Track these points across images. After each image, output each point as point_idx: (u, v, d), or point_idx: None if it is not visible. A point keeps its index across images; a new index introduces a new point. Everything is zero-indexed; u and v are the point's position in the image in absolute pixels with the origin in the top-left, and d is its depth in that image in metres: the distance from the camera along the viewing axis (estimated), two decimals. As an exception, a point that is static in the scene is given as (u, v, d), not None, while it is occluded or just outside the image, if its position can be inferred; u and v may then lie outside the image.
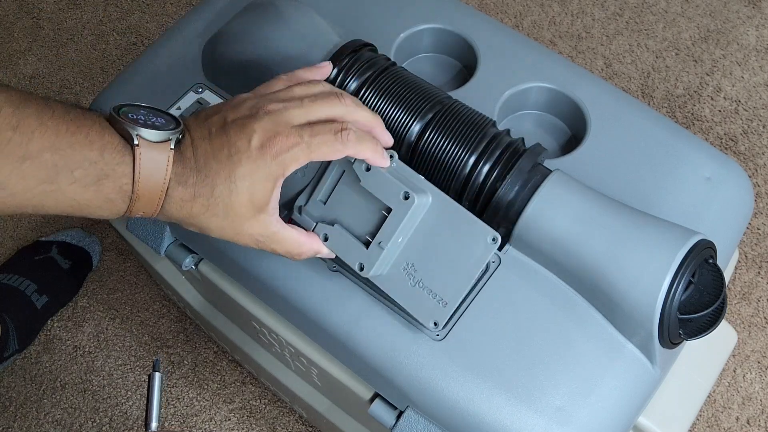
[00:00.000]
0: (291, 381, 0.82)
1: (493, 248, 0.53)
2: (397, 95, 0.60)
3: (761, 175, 1.15)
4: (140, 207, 0.48)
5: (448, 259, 0.55)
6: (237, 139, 0.48)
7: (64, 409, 1.03)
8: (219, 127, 0.50)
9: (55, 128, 0.44)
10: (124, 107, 0.48)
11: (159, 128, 0.48)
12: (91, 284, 1.11)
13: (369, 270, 0.54)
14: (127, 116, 0.47)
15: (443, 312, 0.54)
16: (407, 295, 0.55)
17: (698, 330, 0.55)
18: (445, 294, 0.54)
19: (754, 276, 1.07)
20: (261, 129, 0.48)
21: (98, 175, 0.46)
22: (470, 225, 0.55)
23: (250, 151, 0.48)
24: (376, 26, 0.71)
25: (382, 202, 0.54)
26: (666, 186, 0.63)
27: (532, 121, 0.71)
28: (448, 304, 0.54)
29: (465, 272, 0.54)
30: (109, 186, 0.46)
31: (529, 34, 1.30)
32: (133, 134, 0.47)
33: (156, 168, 0.47)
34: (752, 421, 0.98)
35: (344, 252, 0.55)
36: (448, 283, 0.54)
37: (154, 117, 0.49)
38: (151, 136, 0.47)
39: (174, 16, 1.37)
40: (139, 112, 0.48)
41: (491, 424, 0.54)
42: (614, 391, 0.55)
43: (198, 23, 0.73)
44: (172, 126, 0.49)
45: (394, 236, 0.54)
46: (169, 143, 0.48)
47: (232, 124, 0.49)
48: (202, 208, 0.49)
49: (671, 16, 1.31)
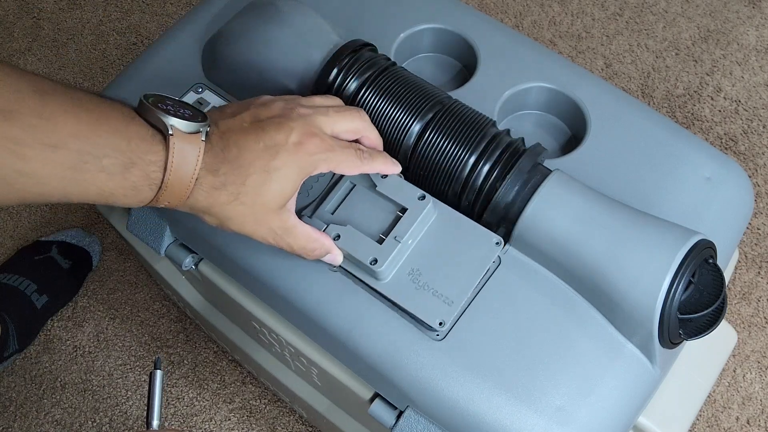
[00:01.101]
0: (291, 381, 0.82)
1: (497, 249, 0.57)
2: (397, 95, 0.60)
3: (761, 175, 1.15)
4: (167, 197, 0.48)
5: (453, 262, 0.57)
6: (276, 133, 0.51)
7: (64, 409, 1.03)
8: (253, 121, 0.51)
9: (79, 116, 0.44)
10: (152, 96, 0.49)
11: (189, 119, 0.48)
12: (91, 284, 1.11)
13: (382, 263, 0.56)
14: (158, 106, 0.48)
15: (449, 310, 0.55)
16: (412, 298, 0.56)
17: (698, 330, 0.55)
18: (450, 293, 0.56)
19: (754, 276, 1.07)
20: (299, 127, 0.51)
21: (125, 163, 0.46)
22: (474, 231, 0.58)
23: (287, 146, 0.50)
24: (376, 26, 0.71)
25: (398, 203, 0.58)
26: (666, 186, 0.63)
27: (532, 121, 0.71)
28: (454, 303, 0.55)
29: (470, 271, 0.56)
30: (136, 174, 0.47)
31: (529, 34, 1.30)
32: (167, 124, 0.47)
33: (188, 158, 0.48)
34: (752, 421, 0.98)
35: (356, 249, 0.57)
36: (453, 283, 0.56)
37: (182, 108, 0.49)
38: (183, 127, 0.48)
39: (174, 16, 1.37)
40: (167, 103, 0.49)
41: (491, 424, 0.54)
42: (614, 391, 0.55)
43: (198, 23, 0.73)
44: (200, 118, 0.49)
45: (409, 232, 0.57)
46: (200, 135, 0.48)
47: (268, 121, 0.51)
48: (231, 196, 0.50)
49: (671, 16, 1.31)
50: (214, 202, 0.50)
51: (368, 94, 0.61)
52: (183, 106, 0.50)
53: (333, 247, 0.56)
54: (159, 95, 0.50)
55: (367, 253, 0.56)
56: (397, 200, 0.58)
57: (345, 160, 0.54)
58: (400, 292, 0.57)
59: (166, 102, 0.49)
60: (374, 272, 0.57)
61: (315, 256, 0.56)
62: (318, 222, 0.58)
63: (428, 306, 0.56)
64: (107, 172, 0.45)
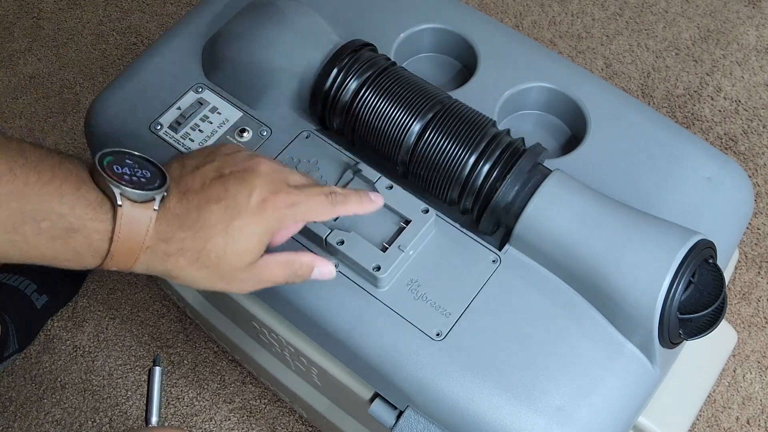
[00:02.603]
0: (291, 381, 0.82)
1: (494, 267, 0.58)
2: (397, 95, 0.60)
3: (761, 175, 1.15)
4: (115, 264, 0.46)
5: (451, 275, 0.58)
6: (237, 192, 0.48)
7: (64, 409, 1.03)
8: (214, 178, 0.49)
9: (24, 177, 0.43)
10: (109, 155, 0.47)
11: (144, 185, 0.46)
12: (91, 284, 1.11)
13: (385, 270, 0.57)
14: (113, 169, 0.46)
15: (446, 322, 0.56)
16: (411, 307, 0.57)
17: (698, 330, 0.55)
18: (448, 305, 0.57)
19: (754, 276, 1.07)
20: (262, 184, 0.49)
21: (66, 228, 0.44)
22: (472, 247, 0.59)
23: (249, 206, 0.48)
24: (376, 26, 0.71)
25: (402, 214, 0.59)
26: (666, 186, 0.63)
27: (532, 121, 0.71)
28: (451, 315, 0.57)
29: (467, 287, 0.58)
30: (78, 240, 0.45)
31: (529, 34, 1.30)
32: (116, 193, 0.45)
33: (137, 228, 0.45)
34: (752, 421, 0.98)
35: (360, 255, 0.57)
36: (451, 296, 0.57)
37: (140, 169, 0.47)
38: (135, 197, 0.45)
39: (174, 16, 1.37)
40: (125, 163, 0.47)
41: (491, 424, 0.54)
42: (614, 391, 0.55)
43: (198, 23, 0.73)
44: (158, 182, 0.47)
45: (412, 242, 0.58)
46: (153, 203, 0.46)
47: (230, 176, 0.49)
48: (190, 260, 0.48)
49: (671, 16, 1.31)
50: (173, 266, 0.48)
51: (368, 94, 0.61)
52: (144, 166, 0.47)
53: (316, 258, 0.54)
54: (120, 152, 0.47)
55: (370, 260, 0.57)
56: (402, 212, 0.59)
57: (314, 207, 0.51)
58: (398, 301, 0.58)
59: (124, 163, 0.47)
60: (376, 279, 0.57)
61: (303, 276, 0.54)
62: (321, 226, 0.58)
63: (427, 317, 0.57)
64: (46, 235, 0.44)
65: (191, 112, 0.67)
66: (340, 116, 0.63)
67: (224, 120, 0.67)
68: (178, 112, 0.67)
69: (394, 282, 0.58)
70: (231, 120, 0.67)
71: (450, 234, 0.60)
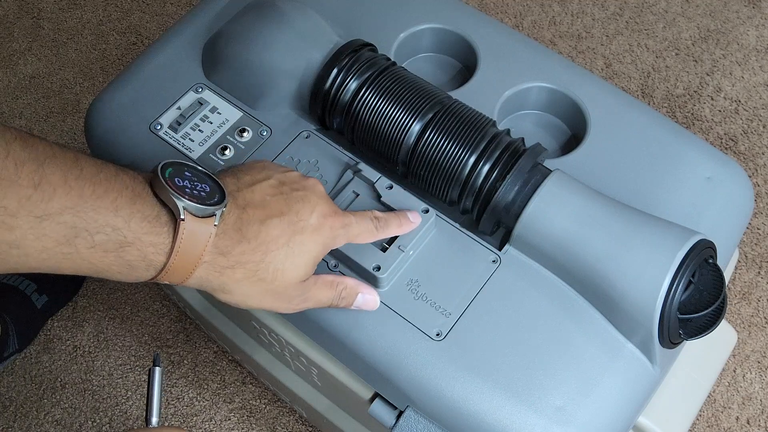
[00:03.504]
0: (291, 381, 0.82)
1: (494, 267, 0.58)
2: (397, 95, 0.60)
3: (761, 175, 1.15)
4: (169, 277, 0.46)
5: (451, 275, 0.58)
6: (300, 209, 0.50)
7: (64, 409, 1.03)
8: (275, 194, 0.50)
9: (79, 189, 0.42)
10: (170, 167, 0.46)
11: (205, 200, 0.46)
12: (91, 284, 1.11)
13: (385, 270, 0.57)
14: (174, 182, 0.45)
15: (446, 322, 0.56)
16: (410, 307, 0.57)
17: (698, 330, 0.55)
18: (447, 305, 0.57)
19: (754, 276, 1.07)
20: (322, 204, 0.51)
21: (120, 242, 0.44)
22: (472, 247, 0.59)
23: (310, 223, 0.50)
24: (376, 26, 0.71)
25: None
26: (666, 186, 0.63)
27: (532, 121, 0.71)
28: (451, 315, 0.57)
29: (467, 287, 0.58)
30: (132, 254, 0.44)
31: (529, 34, 1.30)
32: (180, 206, 0.44)
33: (196, 242, 0.45)
34: (752, 421, 0.98)
35: (360, 255, 0.57)
36: (451, 296, 0.57)
37: (200, 183, 0.47)
38: (197, 211, 0.45)
39: (174, 16, 1.37)
40: (185, 175, 0.46)
41: (491, 424, 0.54)
42: (614, 391, 0.55)
43: (198, 23, 0.73)
44: (217, 197, 0.47)
45: (413, 242, 0.58)
46: (214, 218, 0.46)
47: (292, 194, 0.51)
48: (247, 273, 0.48)
49: (671, 16, 1.31)
50: (228, 279, 0.48)
51: (368, 94, 0.61)
52: (203, 180, 0.47)
53: (361, 285, 0.56)
54: (179, 164, 0.47)
55: (370, 260, 0.57)
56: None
57: (363, 232, 0.54)
58: (398, 301, 0.58)
59: (184, 176, 0.46)
60: (376, 279, 0.57)
61: (347, 300, 0.55)
62: None
63: (427, 317, 0.57)
64: (100, 248, 0.43)
65: (191, 112, 0.67)
66: (340, 116, 0.63)
67: (224, 120, 0.67)
68: (178, 112, 0.67)
69: (394, 282, 0.58)
70: (231, 120, 0.67)
71: (450, 234, 0.60)
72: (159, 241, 0.45)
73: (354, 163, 0.63)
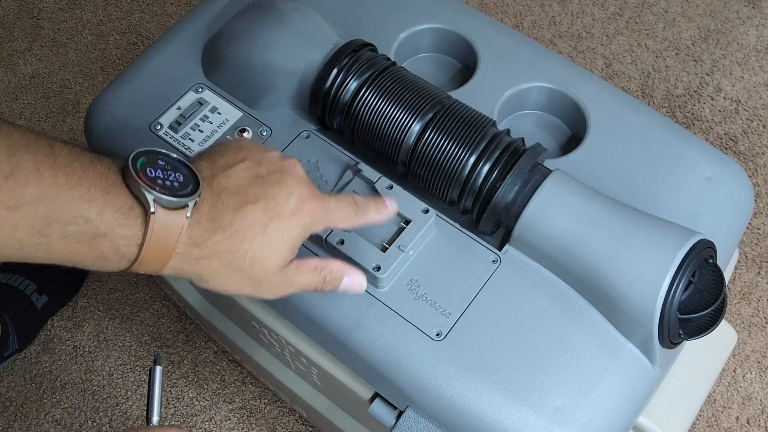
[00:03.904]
0: (291, 381, 0.82)
1: (494, 267, 0.58)
2: (397, 95, 0.60)
3: (761, 175, 1.15)
4: (143, 268, 0.46)
5: (451, 275, 0.58)
6: (275, 193, 0.48)
7: (64, 409, 1.03)
8: (251, 178, 0.48)
9: (52, 179, 0.41)
10: (142, 156, 0.45)
11: (177, 191, 0.45)
12: (91, 284, 1.11)
13: (386, 270, 0.57)
14: (146, 172, 0.44)
15: (446, 322, 0.56)
16: (411, 307, 0.57)
17: (698, 330, 0.55)
18: (447, 305, 0.57)
19: (754, 276, 1.07)
20: (300, 187, 0.49)
21: (93, 233, 0.43)
22: (472, 247, 0.59)
23: (287, 208, 0.48)
24: (376, 26, 0.71)
25: (402, 215, 0.58)
26: (666, 186, 0.63)
27: (532, 121, 0.71)
28: (451, 315, 0.57)
29: (467, 286, 0.58)
30: (105, 245, 0.44)
31: (529, 34, 1.30)
32: (150, 200, 0.44)
33: (168, 234, 0.44)
34: (752, 421, 0.98)
35: (360, 255, 0.57)
36: (451, 296, 0.57)
37: (173, 172, 0.46)
38: (168, 204, 0.44)
39: (174, 16, 1.37)
40: (158, 164, 0.45)
41: (491, 424, 0.54)
42: (614, 391, 0.55)
43: (198, 23, 0.73)
44: (191, 187, 0.46)
45: (413, 242, 0.58)
46: (186, 210, 0.45)
47: (268, 177, 0.49)
48: (224, 263, 0.47)
49: (671, 16, 1.31)
50: (204, 269, 0.47)
51: (368, 94, 0.61)
52: (175, 168, 0.46)
53: (347, 267, 0.54)
54: (153, 152, 0.46)
55: (370, 260, 0.57)
56: (402, 211, 0.58)
57: (343, 217, 0.52)
58: (398, 301, 0.58)
59: (157, 165, 0.45)
60: (376, 279, 0.57)
61: (333, 284, 0.53)
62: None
63: (427, 317, 0.57)
64: (73, 239, 0.42)
65: (191, 112, 0.67)
66: (340, 116, 0.63)
67: (224, 120, 0.67)
68: (178, 112, 0.67)
69: (394, 282, 0.58)
70: (231, 120, 0.67)
71: (450, 234, 0.60)
72: (131, 233, 0.44)
73: (354, 163, 0.63)
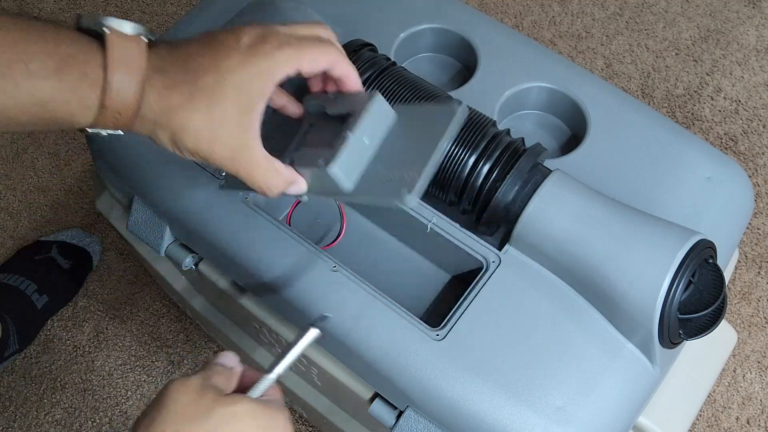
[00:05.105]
0: (291, 381, 0.82)
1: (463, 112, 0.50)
2: (397, 95, 0.60)
3: (761, 175, 1.15)
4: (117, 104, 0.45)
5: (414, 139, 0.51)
6: (225, 38, 0.47)
7: (64, 409, 1.03)
8: (202, 34, 0.48)
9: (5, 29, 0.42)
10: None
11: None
12: (91, 284, 1.11)
13: (334, 162, 0.49)
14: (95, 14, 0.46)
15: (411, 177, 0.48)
16: (375, 186, 0.50)
17: (698, 330, 0.55)
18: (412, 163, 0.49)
19: (754, 276, 1.07)
20: (251, 30, 0.47)
21: (57, 63, 0.43)
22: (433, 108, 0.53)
23: (239, 47, 0.46)
24: (376, 26, 0.71)
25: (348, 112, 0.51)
26: (666, 186, 0.63)
27: (532, 121, 0.71)
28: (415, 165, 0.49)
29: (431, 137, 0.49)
30: (72, 74, 0.44)
31: (529, 34, 1.30)
32: (104, 24, 0.44)
33: (130, 55, 0.44)
34: (752, 421, 0.98)
35: (308, 161, 0.51)
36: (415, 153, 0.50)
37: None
38: (121, 27, 0.45)
39: (174, 16, 1.37)
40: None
41: (491, 424, 0.54)
42: (614, 391, 0.55)
43: (198, 23, 0.73)
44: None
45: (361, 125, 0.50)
46: (141, 37, 0.45)
47: (220, 30, 0.48)
48: (185, 96, 0.46)
49: (671, 16, 1.31)
50: (167, 105, 0.46)
51: (368, 94, 0.61)
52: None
53: (295, 175, 0.51)
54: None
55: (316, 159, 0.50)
56: (347, 109, 0.51)
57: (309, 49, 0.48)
58: (365, 189, 0.51)
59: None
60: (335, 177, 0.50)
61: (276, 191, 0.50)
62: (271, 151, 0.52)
63: (391, 184, 0.49)
64: (38, 75, 0.43)
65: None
66: (340, 116, 0.63)
67: (224, 120, 0.67)
68: (178, 112, 0.67)
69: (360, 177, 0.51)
70: (231, 120, 0.67)
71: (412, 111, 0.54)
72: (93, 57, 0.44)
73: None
